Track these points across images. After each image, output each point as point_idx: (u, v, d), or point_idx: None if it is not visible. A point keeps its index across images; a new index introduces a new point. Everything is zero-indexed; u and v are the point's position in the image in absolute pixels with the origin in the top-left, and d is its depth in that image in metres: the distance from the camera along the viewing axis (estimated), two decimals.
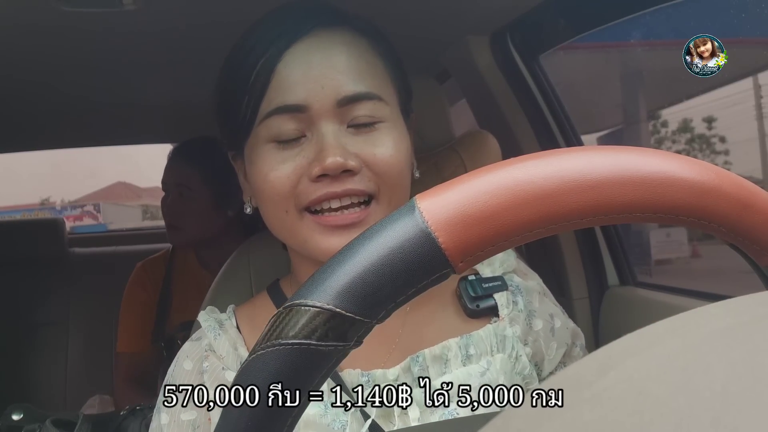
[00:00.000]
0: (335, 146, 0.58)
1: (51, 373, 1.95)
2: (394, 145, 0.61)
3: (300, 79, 0.59)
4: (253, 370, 0.27)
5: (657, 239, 5.22)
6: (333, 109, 0.59)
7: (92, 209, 18.08)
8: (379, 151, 0.60)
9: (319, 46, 0.60)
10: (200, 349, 0.66)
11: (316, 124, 0.59)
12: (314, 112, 0.59)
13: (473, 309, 0.65)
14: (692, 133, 10.46)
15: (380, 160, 0.59)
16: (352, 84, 0.60)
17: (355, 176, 0.59)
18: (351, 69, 0.60)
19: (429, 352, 0.62)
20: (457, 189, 0.28)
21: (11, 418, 0.94)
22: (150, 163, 3.69)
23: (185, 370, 0.66)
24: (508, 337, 0.64)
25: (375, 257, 0.27)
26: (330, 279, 0.27)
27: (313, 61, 0.59)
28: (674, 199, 0.28)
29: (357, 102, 0.60)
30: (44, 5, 0.86)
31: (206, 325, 0.68)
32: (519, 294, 0.68)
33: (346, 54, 0.60)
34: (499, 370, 0.62)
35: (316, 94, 0.59)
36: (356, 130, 0.60)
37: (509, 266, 0.70)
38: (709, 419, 0.15)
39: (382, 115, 0.61)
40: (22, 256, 2.05)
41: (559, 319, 0.70)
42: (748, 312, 0.20)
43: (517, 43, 1.24)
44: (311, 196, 0.59)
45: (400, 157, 0.61)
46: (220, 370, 0.64)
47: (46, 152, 2.32)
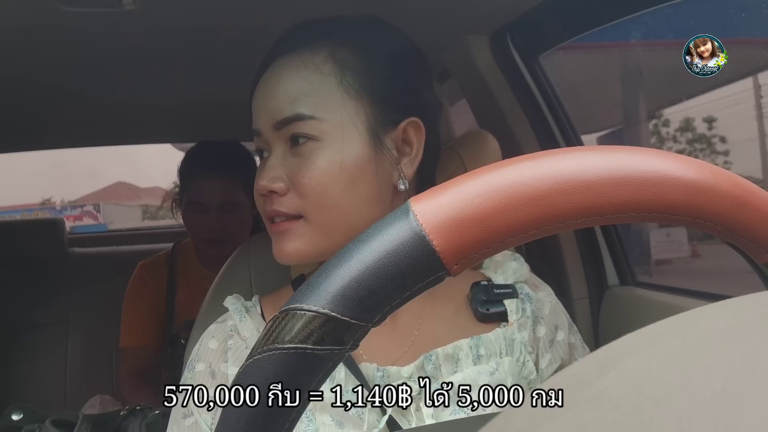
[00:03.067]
0: (267, 169, 0.65)
1: (51, 373, 1.95)
2: (321, 165, 0.63)
3: (257, 106, 0.68)
4: (251, 374, 0.27)
5: (657, 239, 5.22)
6: (272, 132, 0.66)
7: (92, 209, 18.09)
8: (303, 172, 0.64)
9: (272, 75, 0.67)
10: (225, 329, 0.70)
11: (270, 146, 0.67)
12: (265, 136, 0.67)
13: (484, 313, 0.68)
14: (693, 133, 10.46)
15: (303, 182, 0.64)
16: (285, 107, 0.65)
17: (282, 197, 0.65)
18: (286, 93, 0.65)
19: (442, 351, 0.65)
20: (451, 191, 0.28)
21: (11, 418, 0.94)
22: (150, 163, 3.69)
23: (210, 348, 0.69)
24: (516, 342, 0.67)
25: (370, 261, 0.27)
26: (325, 283, 0.27)
27: (264, 89, 0.67)
28: (669, 198, 0.28)
29: (289, 124, 0.64)
30: (44, 5, 0.86)
31: (233, 308, 0.72)
32: (528, 301, 0.70)
33: (285, 79, 0.66)
34: (507, 372, 0.64)
35: (262, 120, 0.67)
36: (294, 151, 0.65)
37: (521, 276, 0.72)
38: (709, 419, 0.15)
39: (316, 134, 0.64)
40: (22, 256, 2.05)
41: (563, 332, 0.71)
42: (748, 312, 0.20)
43: (517, 43, 1.24)
44: (262, 211, 0.68)
45: (323, 179, 0.63)
46: (243, 349, 0.67)
47: (46, 152, 2.32)
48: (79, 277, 2.06)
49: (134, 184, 25.81)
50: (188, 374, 0.68)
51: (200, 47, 1.13)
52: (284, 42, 0.68)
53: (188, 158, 1.64)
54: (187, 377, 0.68)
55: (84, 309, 2.01)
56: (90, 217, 17.05)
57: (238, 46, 0.66)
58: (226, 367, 0.67)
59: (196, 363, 0.68)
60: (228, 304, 0.73)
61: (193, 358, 0.69)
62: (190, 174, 1.59)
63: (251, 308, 0.72)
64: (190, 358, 0.70)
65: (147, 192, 21.49)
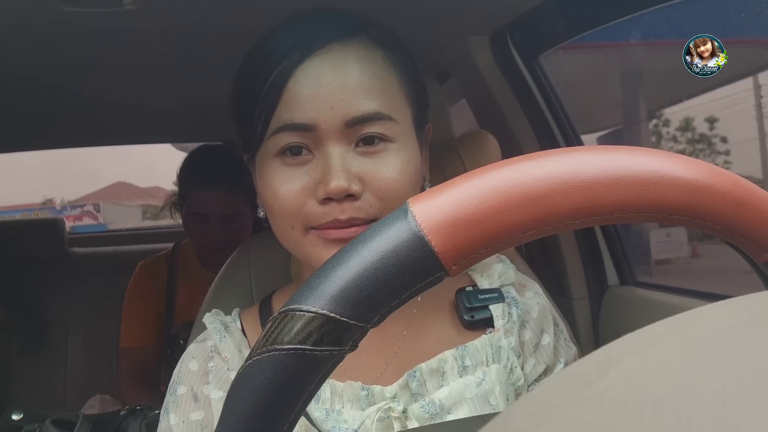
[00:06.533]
0: (340, 170, 0.58)
1: (51, 373, 1.95)
2: (400, 168, 0.60)
3: (309, 98, 0.58)
4: (250, 375, 0.27)
5: (657, 239, 5.21)
6: (341, 129, 0.58)
7: (92, 209, 18.06)
8: (383, 173, 0.59)
9: (331, 63, 0.59)
10: (205, 350, 0.67)
11: (324, 144, 0.59)
12: (322, 132, 0.59)
13: (469, 320, 0.65)
14: (693, 133, 10.46)
15: (383, 184, 0.59)
16: (361, 104, 0.59)
17: (357, 201, 0.58)
18: (361, 88, 0.59)
19: (426, 366, 0.62)
20: (450, 192, 0.28)
21: (11, 418, 0.94)
22: (150, 163, 3.68)
23: (191, 370, 0.66)
24: (503, 348, 0.65)
25: (368, 261, 0.27)
26: (324, 284, 0.27)
27: (323, 79, 0.59)
28: (668, 198, 0.28)
29: (365, 123, 0.59)
30: (44, 5, 0.86)
31: (211, 327, 0.68)
32: (515, 305, 0.68)
33: (357, 71, 0.59)
34: (494, 381, 0.62)
35: (324, 114, 0.58)
36: (363, 151, 0.60)
37: (507, 279, 0.70)
38: (709, 419, 0.15)
39: (392, 136, 0.60)
40: (22, 256, 2.05)
41: (548, 336, 0.69)
42: (748, 312, 0.20)
43: (517, 43, 1.24)
44: (320, 221, 0.59)
45: (404, 181, 0.60)
46: (225, 371, 0.65)
47: (46, 152, 2.32)
48: (79, 277, 2.06)
49: (134, 184, 25.76)
50: (170, 397, 0.66)
51: (200, 47, 1.13)
52: (330, 27, 0.61)
53: (187, 167, 1.60)
54: (169, 401, 0.66)
55: (84, 309, 2.01)
56: (90, 217, 17.03)
57: (239, 46, 0.65)
58: (208, 390, 0.64)
59: (178, 386, 0.66)
60: (207, 322, 0.69)
61: (175, 381, 0.67)
62: (189, 184, 1.57)
63: (231, 324, 0.69)
64: (172, 380, 0.68)
65: (147, 192, 21.47)
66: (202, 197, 1.52)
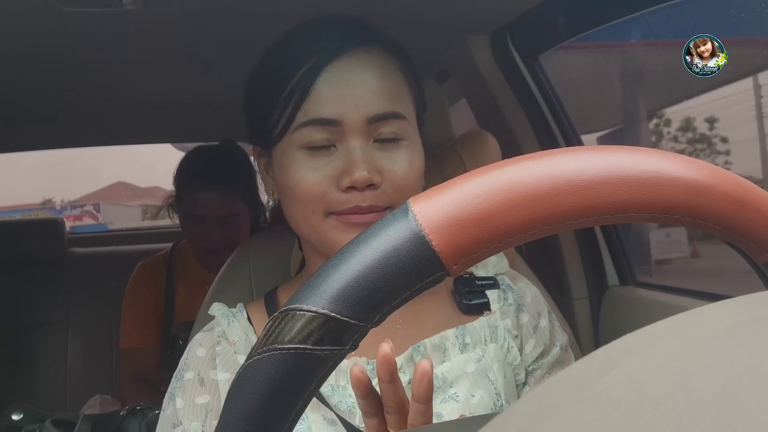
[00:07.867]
0: (363, 161, 0.64)
1: (51, 373, 1.95)
2: (411, 163, 0.67)
3: (336, 96, 0.65)
4: (251, 374, 0.27)
5: (657, 239, 5.21)
6: (363, 125, 0.65)
7: (92, 209, 18.06)
8: (398, 167, 0.66)
9: (357, 66, 0.66)
10: (213, 336, 0.71)
11: (347, 138, 0.65)
12: (346, 127, 0.65)
13: (467, 304, 0.71)
14: (694, 133, 10.46)
15: (399, 176, 0.66)
16: (382, 104, 0.65)
17: (376, 190, 0.65)
18: (382, 89, 0.66)
19: (429, 342, 0.67)
20: (451, 191, 0.28)
21: (11, 418, 0.94)
22: (150, 163, 3.69)
23: (198, 356, 0.70)
24: (499, 329, 0.70)
25: (369, 261, 0.27)
26: (325, 283, 0.27)
27: (349, 80, 0.65)
28: (668, 198, 0.28)
29: (384, 120, 0.65)
30: (44, 5, 0.86)
31: (219, 314, 0.73)
32: (510, 291, 0.73)
33: (378, 75, 0.66)
34: (493, 358, 0.67)
35: (350, 111, 0.65)
36: (380, 146, 0.66)
37: (501, 269, 0.76)
38: (709, 419, 0.15)
39: (405, 133, 0.67)
40: (22, 256, 2.05)
41: (545, 319, 0.74)
42: (748, 312, 0.20)
43: (517, 43, 1.24)
44: (341, 207, 0.65)
45: (415, 174, 0.67)
46: (232, 354, 0.68)
47: (46, 152, 2.32)
48: (79, 277, 2.06)
49: (134, 184, 25.75)
50: (176, 383, 0.69)
51: (200, 47, 1.13)
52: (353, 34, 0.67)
53: (184, 168, 1.59)
54: (176, 386, 0.69)
55: (84, 309, 2.01)
56: (90, 217, 17.03)
57: (238, 46, 0.65)
58: (215, 374, 0.67)
59: (185, 372, 0.69)
60: (214, 311, 0.74)
61: (182, 367, 0.70)
62: (186, 186, 1.56)
63: (237, 314, 0.73)
64: (179, 366, 0.71)
65: (147, 192, 21.45)
66: (198, 200, 1.52)
